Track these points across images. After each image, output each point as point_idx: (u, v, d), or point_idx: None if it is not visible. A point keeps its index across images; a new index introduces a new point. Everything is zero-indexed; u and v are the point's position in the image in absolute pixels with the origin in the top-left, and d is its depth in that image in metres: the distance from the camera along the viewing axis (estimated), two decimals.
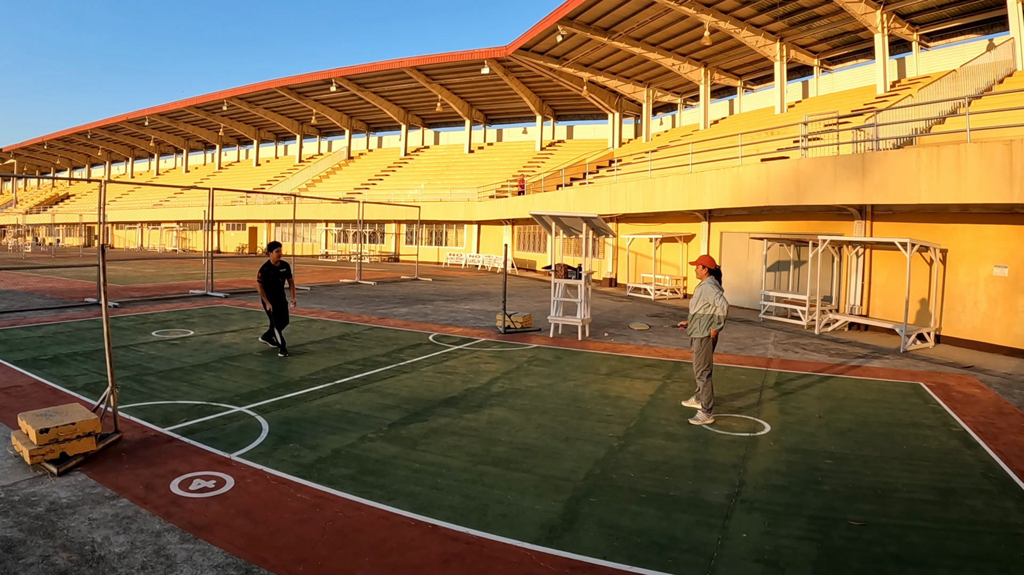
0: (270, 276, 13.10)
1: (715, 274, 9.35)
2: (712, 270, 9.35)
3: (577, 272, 16.19)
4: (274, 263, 13.21)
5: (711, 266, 9.38)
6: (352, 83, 54.13)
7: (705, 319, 9.06)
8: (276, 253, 13.32)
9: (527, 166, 51.32)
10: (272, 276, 13.13)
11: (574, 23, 34.89)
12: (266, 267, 13.13)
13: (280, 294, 13.30)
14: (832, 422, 9.07)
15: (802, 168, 17.97)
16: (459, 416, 8.97)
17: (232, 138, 77.81)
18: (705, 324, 9.07)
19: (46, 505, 5.73)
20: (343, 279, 32.25)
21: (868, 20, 28.86)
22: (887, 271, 17.82)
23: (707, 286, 9.12)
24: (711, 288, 9.04)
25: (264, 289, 13.02)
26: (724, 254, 24.29)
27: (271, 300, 13.05)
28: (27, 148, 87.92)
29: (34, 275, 31.25)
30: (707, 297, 9.03)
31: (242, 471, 6.65)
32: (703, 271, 9.34)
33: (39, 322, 16.17)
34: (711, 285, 9.09)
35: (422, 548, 5.18)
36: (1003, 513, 6.13)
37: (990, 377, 12.46)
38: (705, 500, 6.28)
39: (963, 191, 13.93)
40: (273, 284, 13.13)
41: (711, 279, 9.21)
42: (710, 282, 9.15)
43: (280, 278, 13.30)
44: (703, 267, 9.37)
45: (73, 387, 9.84)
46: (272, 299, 13.06)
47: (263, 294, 13.04)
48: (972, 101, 17.89)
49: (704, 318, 9.07)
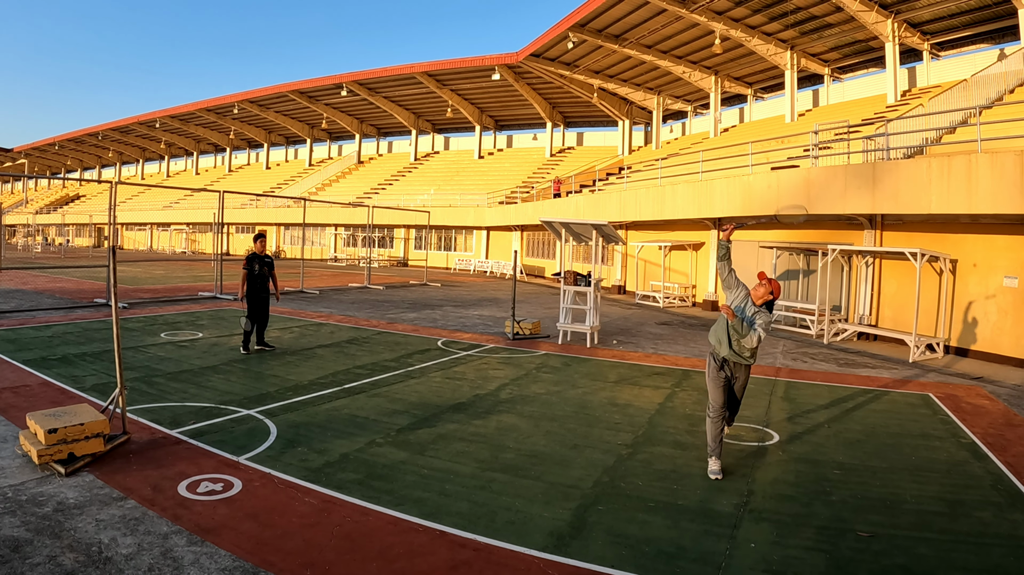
0: (253, 264, 13.38)
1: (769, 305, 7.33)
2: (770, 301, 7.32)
3: (586, 279, 16.18)
4: (259, 253, 13.52)
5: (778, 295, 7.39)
6: (363, 88, 54.25)
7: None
8: (260, 243, 13.68)
9: (537, 172, 51.37)
10: (256, 265, 13.41)
11: (585, 30, 34.95)
12: (251, 256, 13.43)
13: (263, 288, 13.54)
14: (841, 432, 9.02)
15: (812, 177, 17.94)
16: (467, 422, 8.94)
17: (243, 141, 78.04)
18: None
19: (53, 505, 5.73)
20: (352, 283, 32.27)
21: (879, 29, 28.82)
22: (897, 281, 17.76)
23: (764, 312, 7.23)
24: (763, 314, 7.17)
25: (247, 276, 13.32)
26: (733, 262, 24.19)
27: (251, 293, 13.31)
28: (38, 148, 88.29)
29: (44, 275, 31.33)
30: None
31: (250, 474, 6.64)
32: (768, 295, 7.27)
33: (48, 322, 16.21)
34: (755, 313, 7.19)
35: (430, 554, 5.16)
36: (1012, 525, 6.09)
37: (999, 388, 12.40)
38: (713, 509, 6.25)
39: (974, 201, 13.89)
40: (257, 275, 13.40)
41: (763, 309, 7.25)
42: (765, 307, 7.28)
43: (265, 269, 13.58)
44: (770, 292, 7.26)
45: (82, 387, 9.85)
46: (253, 291, 13.33)
47: (244, 280, 13.33)
48: (983, 111, 17.85)
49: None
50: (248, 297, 13.37)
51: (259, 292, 13.48)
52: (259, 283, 13.47)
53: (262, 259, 13.55)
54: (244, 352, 13.24)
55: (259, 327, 13.63)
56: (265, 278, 13.59)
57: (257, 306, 13.44)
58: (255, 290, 13.40)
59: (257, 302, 13.44)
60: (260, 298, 13.50)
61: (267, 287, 13.68)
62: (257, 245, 13.66)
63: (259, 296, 13.49)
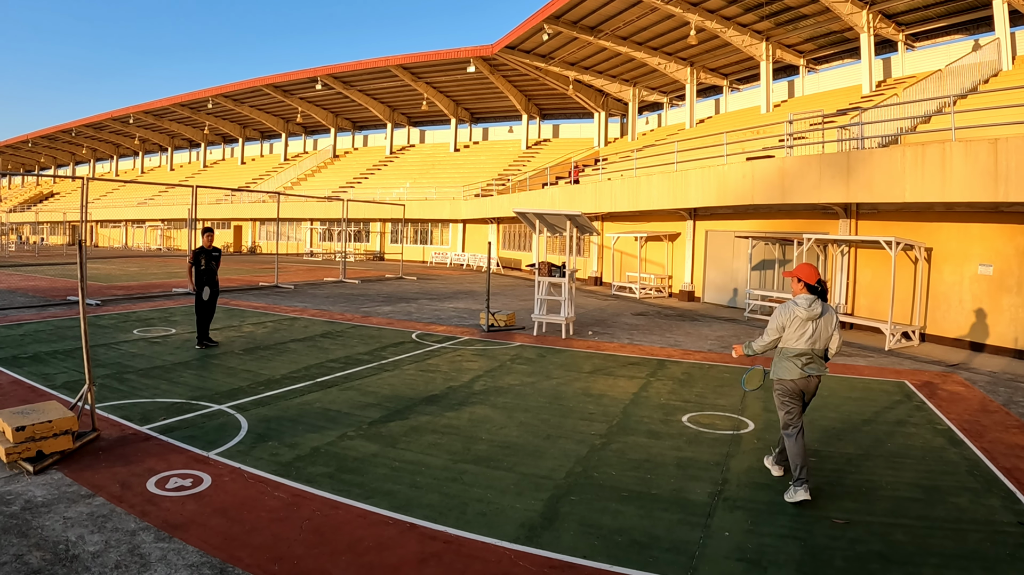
0: (199, 258, 13.37)
1: (814, 291, 6.45)
2: (810, 286, 6.45)
3: (561, 270, 16.16)
4: (207, 247, 13.51)
5: (808, 279, 6.46)
6: (338, 81, 53.98)
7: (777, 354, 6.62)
8: (208, 237, 13.63)
9: (513, 165, 51.35)
10: (203, 259, 13.40)
11: (560, 22, 34.88)
12: (198, 251, 13.43)
13: (210, 282, 13.49)
14: (816, 420, 9.03)
15: (787, 167, 17.98)
16: (440, 414, 8.89)
17: (217, 136, 77.51)
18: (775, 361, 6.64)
19: (21, 503, 5.65)
20: (327, 278, 32.11)
21: (854, 20, 28.94)
22: (872, 270, 17.85)
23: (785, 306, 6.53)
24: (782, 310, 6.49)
25: (194, 270, 13.33)
26: (709, 253, 24.34)
27: (198, 285, 13.29)
28: (11, 146, 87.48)
29: (17, 273, 30.97)
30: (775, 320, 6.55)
31: (219, 469, 6.56)
32: (799, 285, 6.49)
33: (20, 320, 16.01)
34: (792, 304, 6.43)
35: (399, 547, 5.10)
36: (988, 511, 6.10)
37: (975, 375, 12.48)
38: (687, 498, 6.22)
39: (948, 190, 13.96)
40: (205, 269, 13.38)
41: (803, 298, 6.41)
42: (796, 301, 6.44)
43: (212, 263, 13.56)
44: (798, 280, 6.51)
45: (52, 385, 9.72)
46: (200, 285, 13.30)
47: (190, 274, 13.34)
48: (957, 100, 17.97)
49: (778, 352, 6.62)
50: (197, 291, 13.33)
51: (206, 286, 13.41)
52: (206, 278, 13.39)
53: (209, 253, 13.50)
54: (200, 347, 13.28)
55: (204, 321, 13.48)
56: (213, 272, 13.52)
57: (205, 298, 13.39)
58: (201, 284, 13.32)
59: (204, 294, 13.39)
60: (209, 291, 13.46)
61: (215, 280, 13.60)
62: (205, 239, 13.57)
63: (209, 289, 13.45)
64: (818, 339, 6.33)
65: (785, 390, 6.45)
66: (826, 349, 6.47)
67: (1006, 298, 14.58)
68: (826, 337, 6.39)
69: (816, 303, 6.32)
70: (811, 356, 6.34)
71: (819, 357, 6.41)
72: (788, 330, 6.38)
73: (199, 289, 13.25)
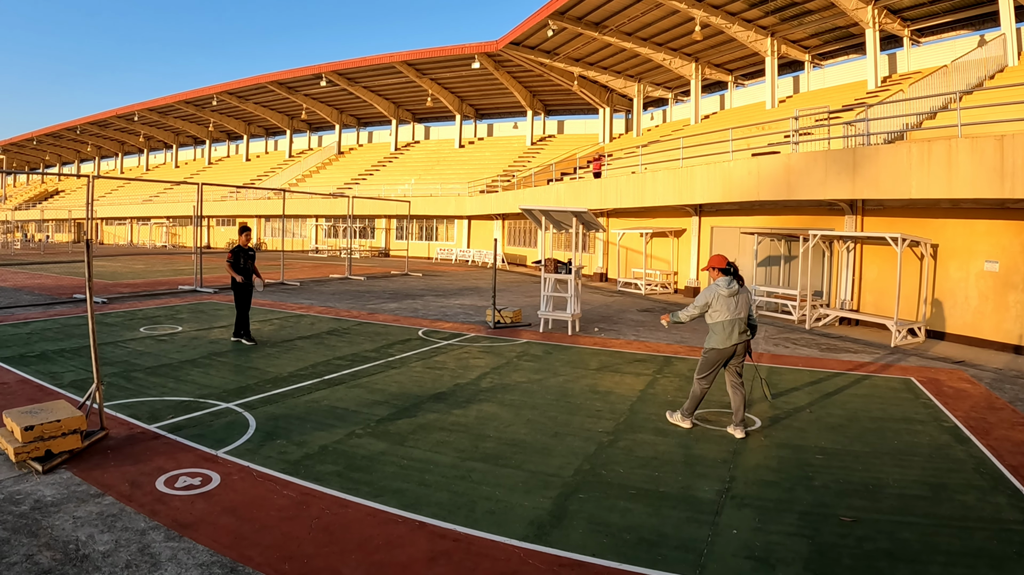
0: (239, 257, 13.52)
1: (727, 272, 8.28)
2: (723, 269, 8.29)
3: (567, 267, 16.15)
4: (244, 246, 13.67)
5: (720, 265, 8.33)
6: (342, 78, 53.96)
7: (712, 326, 8.25)
8: (245, 236, 13.83)
9: (518, 161, 51.32)
10: (242, 259, 13.56)
11: (565, 17, 34.87)
12: (236, 249, 13.60)
13: (248, 279, 13.66)
14: (823, 417, 9.04)
15: (793, 163, 17.95)
16: (448, 412, 8.90)
17: (222, 133, 77.49)
18: (712, 331, 8.25)
19: (31, 503, 5.66)
20: (333, 275, 32.10)
21: (859, 15, 28.90)
22: (878, 266, 17.82)
23: (709, 288, 8.34)
24: (708, 291, 8.28)
25: (233, 268, 13.46)
26: (715, 249, 24.29)
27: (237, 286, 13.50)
28: (16, 144, 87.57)
29: (23, 271, 30.99)
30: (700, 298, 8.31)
31: (228, 468, 6.58)
32: (715, 273, 8.33)
33: (27, 318, 16.04)
34: (715, 286, 8.21)
35: (409, 546, 5.12)
36: (995, 508, 6.10)
37: (981, 372, 12.46)
38: (695, 496, 6.23)
39: (954, 186, 13.93)
40: (242, 268, 13.53)
41: (722, 280, 8.21)
42: (718, 283, 8.21)
43: (249, 262, 13.70)
44: (713, 268, 8.36)
45: (60, 384, 9.74)
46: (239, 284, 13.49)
47: (231, 271, 13.50)
48: (963, 96, 17.92)
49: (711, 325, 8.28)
50: (235, 289, 13.54)
51: (245, 285, 13.56)
52: (244, 276, 13.47)
53: (246, 252, 13.62)
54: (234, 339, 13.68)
55: (242, 318, 13.61)
56: (249, 271, 13.64)
57: (244, 294, 13.59)
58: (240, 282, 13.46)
59: (244, 289, 13.56)
60: (246, 287, 13.62)
61: (251, 280, 13.75)
62: (242, 238, 13.74)
63: (244, 288, 13.57)
64: (740, 310, 8.10)
65: (709, 360, 8.25)
66: (750, 316, 8.27)
67: (1012, 295, 14.55)
68: (744, 307, 8.14)
69: (733, 282, 8.15)
70: (735, 323, 8.05)
71: (743, 324, 8.15)
72: (714, 306, 8.13)
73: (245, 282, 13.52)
